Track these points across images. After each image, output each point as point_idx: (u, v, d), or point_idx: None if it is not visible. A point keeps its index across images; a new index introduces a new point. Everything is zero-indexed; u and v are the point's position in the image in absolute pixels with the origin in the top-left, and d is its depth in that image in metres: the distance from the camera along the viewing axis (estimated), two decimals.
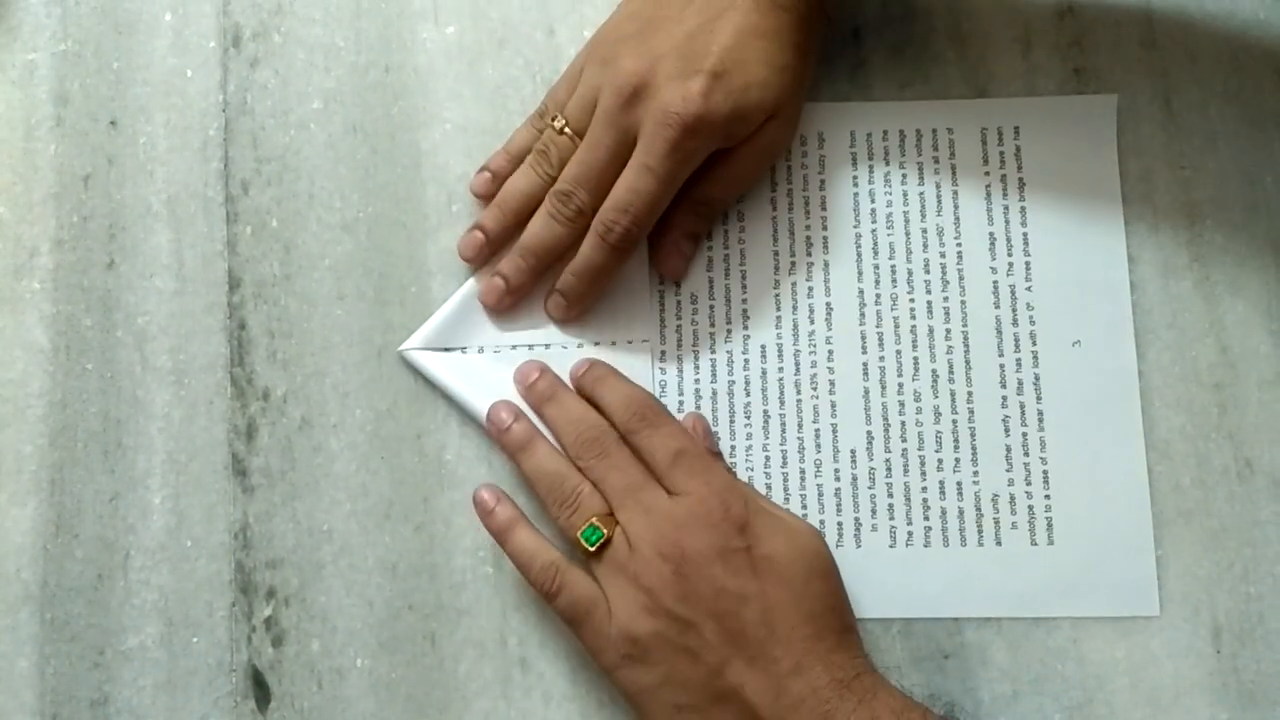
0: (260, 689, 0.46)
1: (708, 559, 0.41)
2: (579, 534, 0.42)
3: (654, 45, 0.44)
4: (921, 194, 0.49)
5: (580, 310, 0.47)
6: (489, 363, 0.48)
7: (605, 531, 0.42)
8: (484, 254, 0.48)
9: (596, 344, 0.48)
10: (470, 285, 0.48)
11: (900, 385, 0.47)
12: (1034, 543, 0.46)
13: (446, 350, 0.48)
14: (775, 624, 0.40)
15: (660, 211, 0.45)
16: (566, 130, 0.46)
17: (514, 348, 0.48)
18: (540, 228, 0.46)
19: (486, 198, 0.48)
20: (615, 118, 0.44)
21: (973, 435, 0.47)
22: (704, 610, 0.40)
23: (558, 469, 0.44)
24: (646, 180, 0.44)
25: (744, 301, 0.48)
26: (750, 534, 0.41)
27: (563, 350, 0.48)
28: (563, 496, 0.44)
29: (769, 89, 0.44)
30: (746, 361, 0.48)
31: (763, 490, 0.47)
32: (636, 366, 0.47)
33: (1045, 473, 0.46)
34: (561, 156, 0.46)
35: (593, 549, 0.42)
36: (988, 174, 0.49)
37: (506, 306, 0.48)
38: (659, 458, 0.43)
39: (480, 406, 0.47)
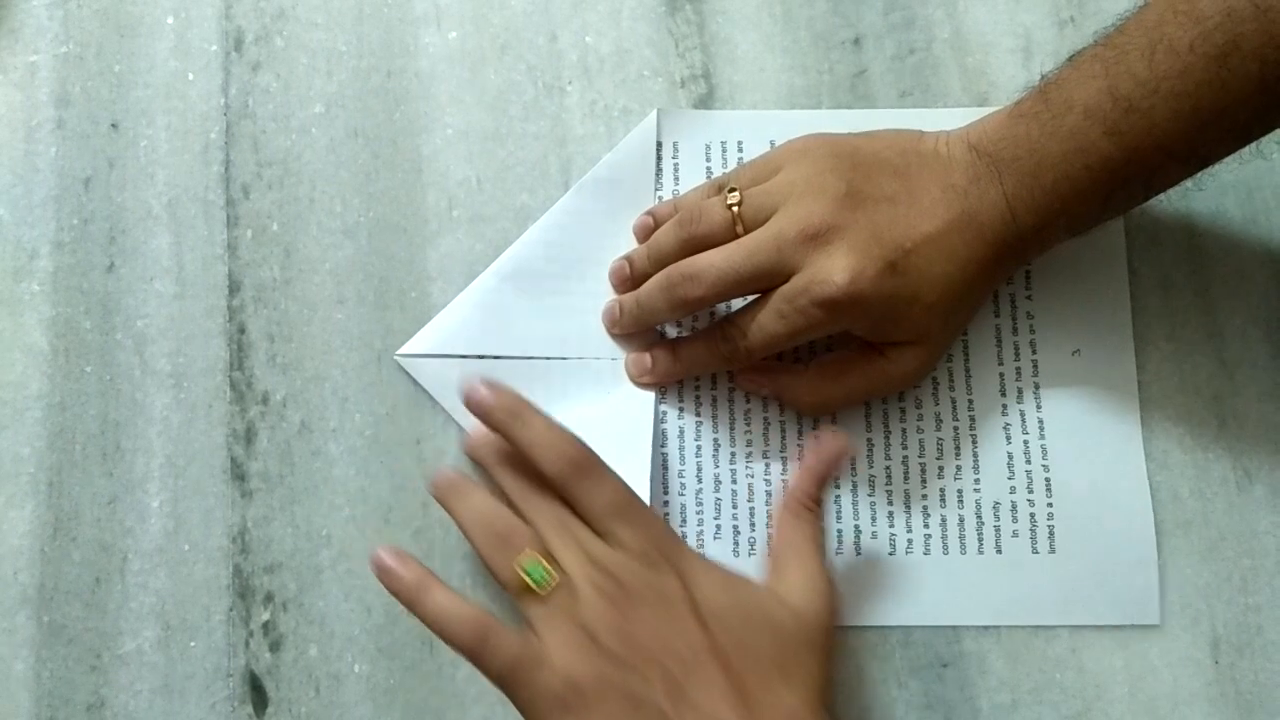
0: (257, 694, 0.46)
1: (649, 602, 0.39)
2: (522, 569, 0.39)
3: (853, 204, 0.42)
4: None
5: (660, 376, 0.47)
6: (485, 371, 0.47)
7: (546, 568, 0.39)
8: (626, 285, 0.47)
9: (597, 358, 0.48)
10: (469, 292, 0.48)
11: (900, 392, 0.47)
12: (1035, 550, 0.46)
13: (443, 356, 0.48)
14: (715, 675, 0.38)
15: (771, 353, 0.44)
16: (735, 208, 0.44)
17: (512, 357, 0.48)
18: (651, 292, 0.45)
19: (642, 240, 0.48)
20: (783, 245, 0.42)
21: (974, 442, 0.47)
22: (645, 655, 0.38)
23: (493, 508, 0.42)
24: (775, 324, 0.43)
25: None
26: (690, 582, 0.40)
27: (562, 361, 0.48)
28: (500, 534, 0.41)
29: (932, 313, 0.43)
30: None
31: (763, 497, 0.47)
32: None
33: (1047, 480, 0.46)
34: (711, 227, 0.44)
35: (536, 586, 0.39)
36: None
37: (616, 335, 0.48)
38: (596, 510, 0.41)
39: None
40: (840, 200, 0.42)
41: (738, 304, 0.46)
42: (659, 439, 0.47)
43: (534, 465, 0.41)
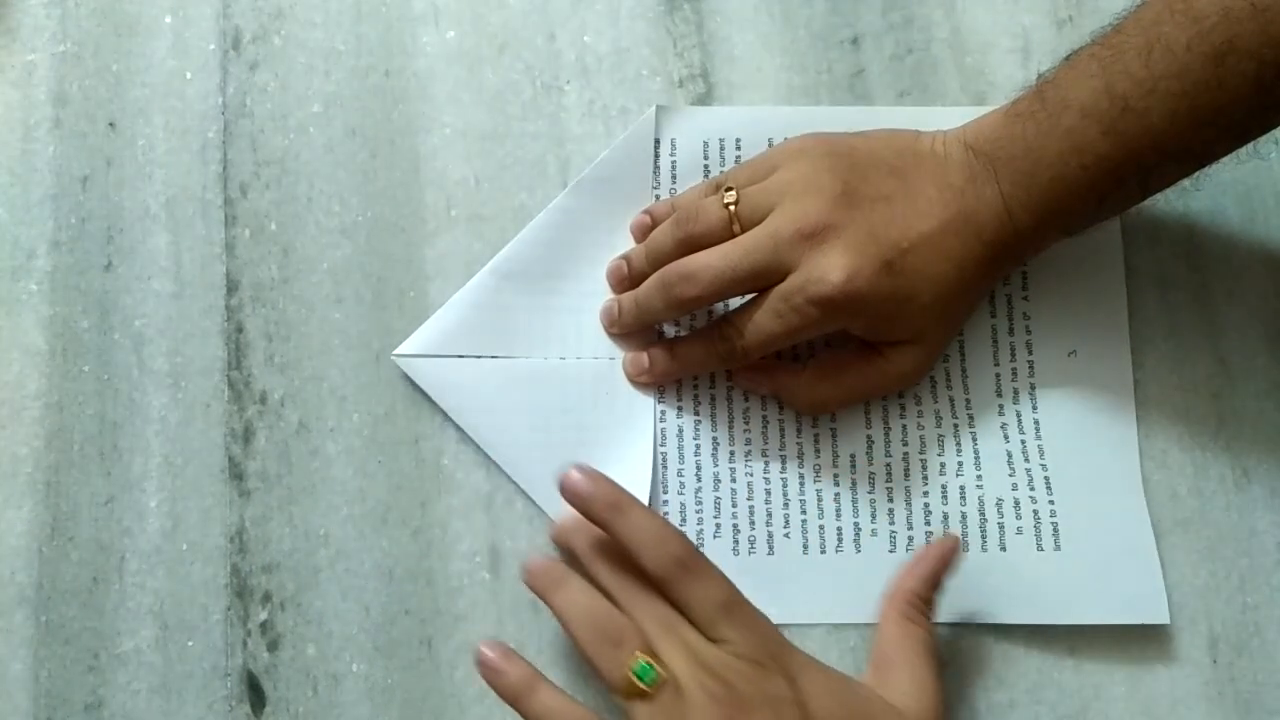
0: (255, 693, 0.46)
1: (758, 706, 0.38)
2: (631, 670, 0.38)
3: (850, 203, 0.42)
4: None
5: (658, 375, 0.47)
6: (482, 371, 0.47)
7: (657, 670, 0.38)
8: (624, 285, 0.48)
9: (595, 358, 0.48)
10: (465, 291, 0.48)
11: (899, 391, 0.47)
12: (1040, 548, 0.46)
13: (441, 356, 0.48)
14: None
15: (768, 352, 0.44)
16: (732, 207, 0.43)
17: (509, 356, 0.47)
18: (649, 292, 0.45)
19: (640, 239, 0.48)
20: (780, 244, 0.42)
21: (974, 440, 0.47)
22: None
23: (596, 603, 0.41)
24: (772, 323, 0.43)
25: None
26: (799, 687, 0.39)
27: (560, 361, 0.47)
28: (607, 632, 0.39)
29: (928, 313, 0.43)
30: None
31: (762, 495, 0.47)
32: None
33: (1046, 480, 0.46)
34: (708, 226, 0.44)
35: (646, 686, 0.38)
36: None
37: (614, 334, 0.48)
38: (702, 609, 0.40)
39: (468, 415, 0.47)
40: (836, 199, 0.42)
41: (735, 303, 0.45)
42: (658, 438, 0.47)
43: (635, 559, 0.40)
